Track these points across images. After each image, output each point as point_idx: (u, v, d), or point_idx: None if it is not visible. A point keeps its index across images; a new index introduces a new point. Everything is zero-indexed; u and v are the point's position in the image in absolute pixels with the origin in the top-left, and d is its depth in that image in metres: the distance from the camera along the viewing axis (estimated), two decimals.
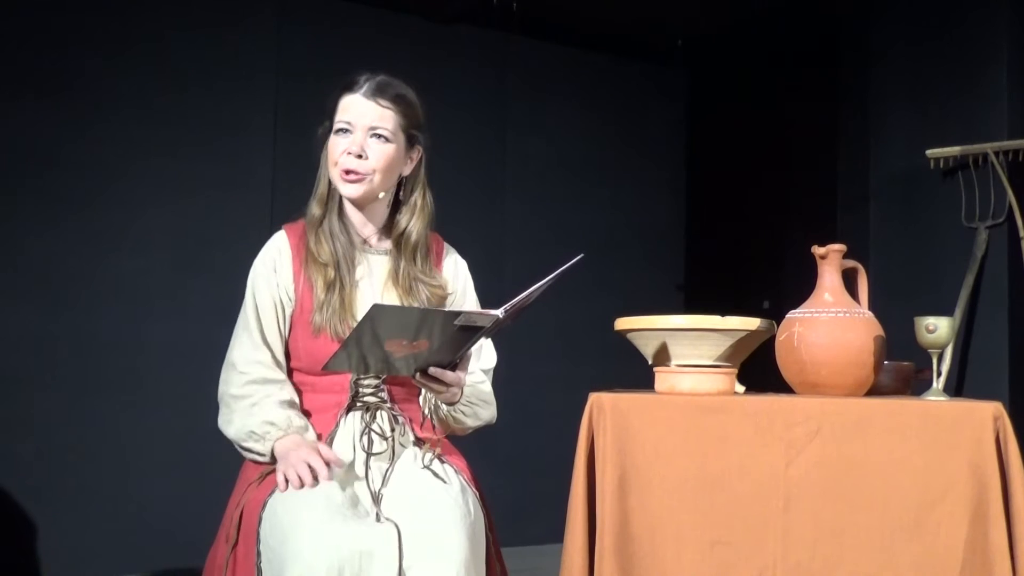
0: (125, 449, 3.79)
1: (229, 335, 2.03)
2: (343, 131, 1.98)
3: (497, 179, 4.72)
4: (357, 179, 1.97)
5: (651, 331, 1.91)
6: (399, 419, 1.99)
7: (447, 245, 2.16)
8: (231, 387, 1.97)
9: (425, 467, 1.91)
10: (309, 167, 2.09)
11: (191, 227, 3.96)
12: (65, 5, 3.78)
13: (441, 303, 2.05)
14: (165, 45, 3.95)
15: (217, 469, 2.47)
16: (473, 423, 2.05)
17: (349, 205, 2.05)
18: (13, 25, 3.70)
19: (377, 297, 2.00)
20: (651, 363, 1.97)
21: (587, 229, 4.80)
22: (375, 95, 1.98)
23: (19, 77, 3.70)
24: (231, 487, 1.97)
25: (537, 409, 4.52)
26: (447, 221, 2.23)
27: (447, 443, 2.05)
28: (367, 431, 1.95)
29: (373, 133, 1.98)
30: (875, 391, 1.94)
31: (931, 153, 3.73)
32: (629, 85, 5.10)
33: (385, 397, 1.99)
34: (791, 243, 4.53)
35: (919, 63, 3.92)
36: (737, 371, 1.96)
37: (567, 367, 4.68)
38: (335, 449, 1.93)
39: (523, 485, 4.44)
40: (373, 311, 1.63)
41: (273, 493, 1.80)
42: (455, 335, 1.74)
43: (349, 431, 1.96)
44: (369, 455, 1.92)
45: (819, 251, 1.92)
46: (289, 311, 1.99)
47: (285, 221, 2.10)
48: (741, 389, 2.01)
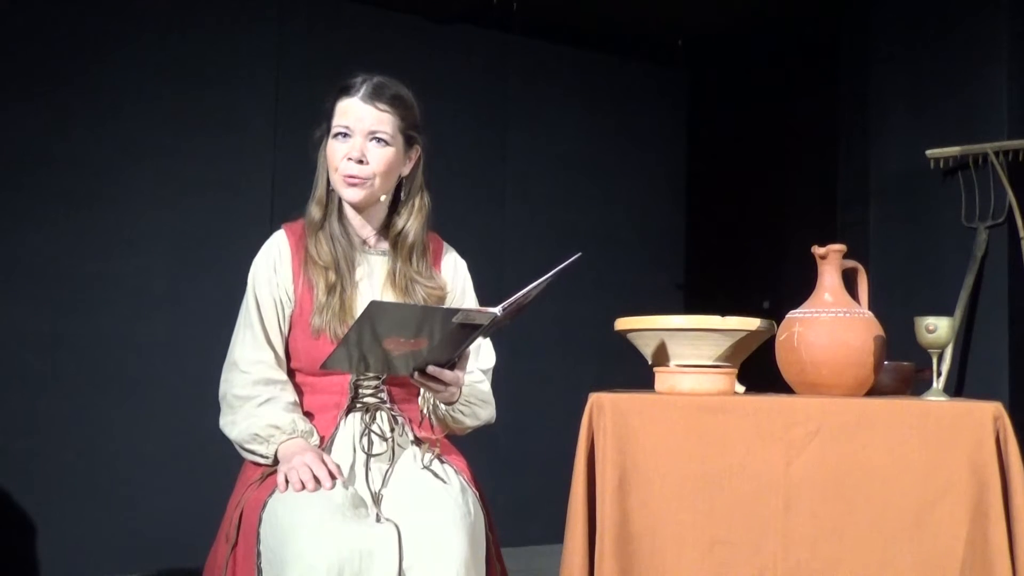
0: (125, 449, 3.79)
1: (229, 335, 2.02)
2: (342, 135, 1.97)
3: (497, 179, 4.72)
4: (359, 184, 1.97)
5: (651, 331, 1.91)
6: (399, 419, 1.99)
7: (446, 245, 2.15)
8: (234, 387, 1.96)
9: (425, 467, 1.91)
10: (309, 167, 2.08)
11: (191, 227, 3.96)
12: (65, 5, 3.78)
13: (439, 303, 2.04)
14: (165, 45, 3.95)
15: (217, 469, 2.47)
16: (472, 423, 2.05)
17: (349, 207, 2.04)
18: (13, 25, 3.70)
19: (376, 297, 2.00)
20: (651, 363, 1.97)
21: (587, 229, 4.80)
22: (372, 98, 1.97)
23: (19, 77, 3.70)
24: (231, 487, 1.97)
25: (537, 409, 4.52)
26: (447, 221, 2.23)
27: (447, 443, 2.05)
28: (367, 432, 1.94)
29: (372, 137, 1.97)
30: (875, 391, 1.94)
31: (931, 153, 3.73)
32: (629, 85, 5.10)
33: (385, 398, 1.99)
34: (791, 243, 4.53)
35: (919, 63, 3.92)
36: (737, 371, 1.96)
37: (567, 367, 4.68)
38: (335, 449, 1.93)
39: (523, 485, 4.44)
40: (371, 308, 1.63)
41: (273, 493, 1.80)
42: (453, 333, 1.74)
43: (349, 432, 1.95)
44: (369, 456, 1.92)
45: (819, 251, 1.92)
46: (289, 311, 1.99)
47: (285, 221, 2.10)
48: (741, 389, 2.01)
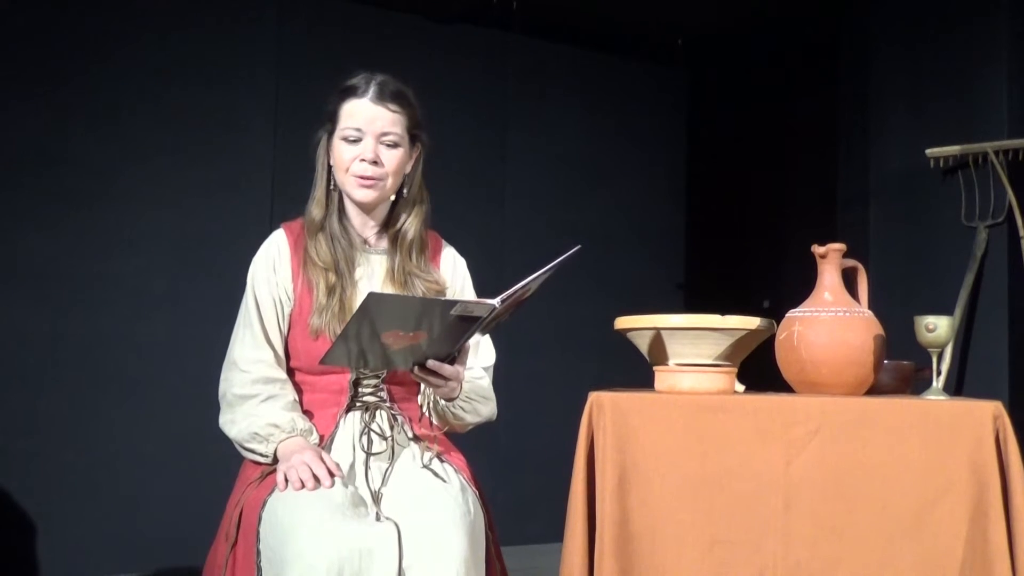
0: (125, 449, 3.79)
1: (229, 335, 2.02)
2: (352, 137, 1.97)
3: (497, 178, 4.72)
4: (372, 185, 1.97)
5: (651, 330, 1.91)
6: (398, 418, 1.99)
7: (445, 243, 2.16)
8: (233, 386, 1.96)
9: (425, 466, 1.91)
10: (309, 167, 2.08)
11: (191, 227, 3.96)
12: (65, 4, 3.78)
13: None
14: (165, 45, 3.95)
15: (217, 468, 2.47)
16: (473, 419, 2.04)
17: (351, 206, 2.04)
18: (12, 24, 3.70)
19: None
20: (651, 362, 1.97)
21: (587, 228, 4.80)
22: (383, 99, 1.97)
23: (19, 77, 3.70)
24: (231, 486, 1.97)
25: (537, 408, 4.52)
26: (447, 220, 2.23)
27: (447, 442, 2.05)
28: (366, 431, 1.95)
29: (384, 138, 1.97)
30: (875, 390, 1.94)
31: (931, 152, 3.73)
32: (629, 85, 5.10)
33: (384, 397, 1.99)
34: (791, 242, 4.53)
35: (919, 62, 3.92)
36: (737, 370, 1.96)
37: (567, 366, 4.68)
38: (335, 448, 1.93)
39: (523, 484, 4.44)
40: (370, 299, 1.62)
41: (273, 492, 1.80)
42: (453, 325, 1.74)
43: (349, 431, 1.95)
44: (369, 455, 1.92)
45: (819, 250, 1.92)
46: (288, 310, 1.99)
47: (285, 221, 2.10)
48: (741, 388, 2.01)
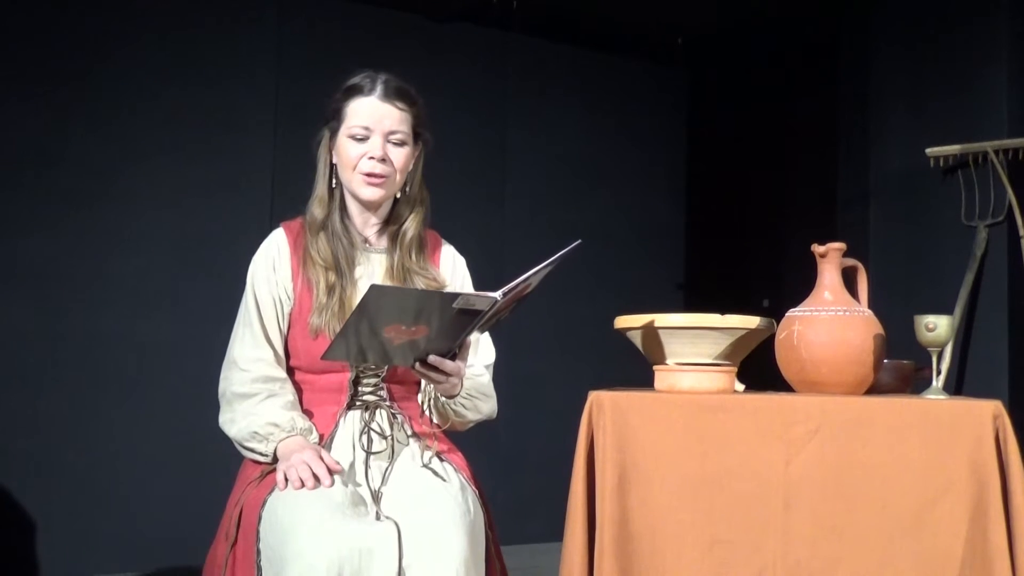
0: (125, 448, 3.79)
1: (229, 334, 2.02)
2: (359, 136, 1.96)
3: (497, 178, 4.72)
4: (379, 183, 1.97)
5: (651, 329, 1.91)
6: (398, 417, 1.99)
7: (444, 241, 2.16)
8: (233, 385, 1.96)
9: (424, 465, 1.91)
10: (309, 167, 2.08)
11: (191, 227, 3.96)
12: (65, 5, 3.78)
13: None
14: (165, 45, 3.95)
15: (216, 468, 2.47)
16: (474, 416, 2.04)
17: (353, 205, 2.04)
18: (12, 24, 3.70)
19: None
20: (651, 361, 1.97)
21: (587, 227, 4.79)
22: (390, 98, 1.97)
23: (19, 77, 3.70)
24: (230, 486, 1.97)
25: (537, 407, 4.52)
26: (447, 219, 2.23)
27: (447, 441, 2.05)
28: (366, 430, 1.95)
29: (392, 137, 1.98)
30: (875, 389, 1.94)
31: (931, 152, 3.73)
32: (629, 84, 5.10)
33: (384, 396, 1.99)
34: (791, 242, 4.53)
35: (919, 62, 3.92)
36: (737, 369, 1.96)
37: (567, 365, 4.68)
38: (335, 447, 1.93)
39: (523, 483, 4.44)
40: (371, 292, 1.62)
41: (273, 492, 1.80)
42: (454, 320, 1.73)
43: (348, 430, 1.95)
44: (369, 454, 1.92)
45: (819, 249, 1.92)
46: (288, 309, 1.99)
47: (284, 220, 2.10)
48: (741, 387, 2.01)
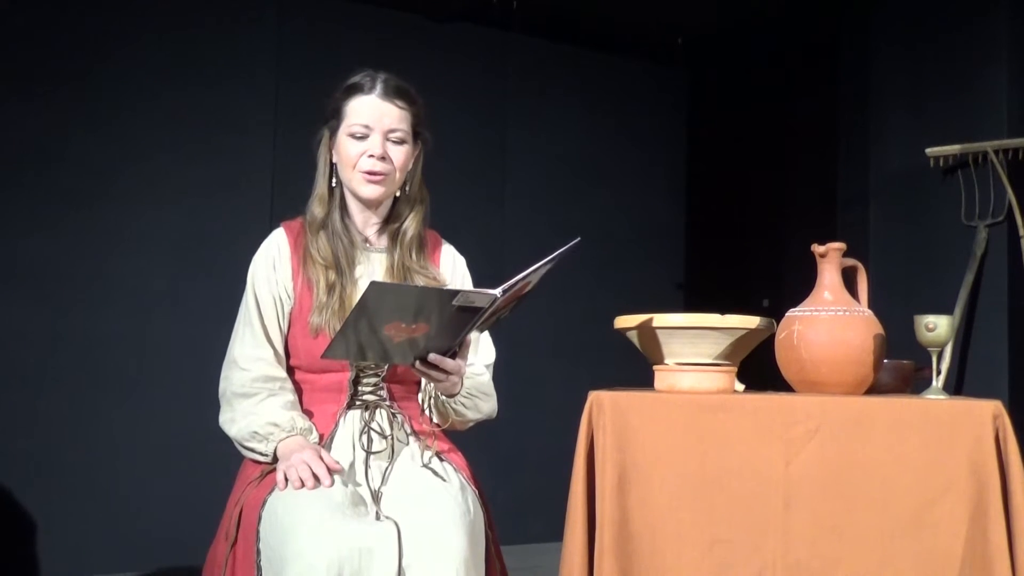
0: (125, 448, 3.79)
1: (229, 334, 2.02)
2: (359, 134, 1.97)
3: (497, 178, 4.72)
4: (379, 181, 1.97)
5: (651, 329, 1.91)
6: (398, 417, 1.99)
7: (444, 241, 2.16)
8: (233, 385, 1.96)
9: (424, 465, 1.91)
10: (309, 167, 2.08)
11: (191, 227, 3.96)
12: (65, 5, 3.79)
13: None
14: (165, 45, 3.95)
15: (216, 468, 2.47)
16: (474, 416, 2.04)
17: (354, 204, 2.04)
18: (12, 24, 3.70)
19: None
20: (651, 361, 1.97)
21: (587, 228, 4.76)
22: (390, 96, 1.98)
23: (19, 77, 3.70)
24: (230, 486, 1.97)
25: (537, 407, 4.52)
26: (447, 219, 2.23)
27: (447, 441, 2.05)
28: (366, 429, 1.95)
29: (392, 135, 1.98)
30: (875, 389, 1.94)
31: (931, 152, 3.73)
32: (629, 84, 5.10)
33: (384, 395, 1.99)
34: (791, 242, 4.53)
35: (919, 62, 3.92)
36: (737, 369, 1.96)
37: (567, 365, 4.68)
38: (335, 447, 1.93)
39: (523, 483, 4.44)
40: (371, 288, 1.62)
41: (273, 491, 1.80)
42: (454, 317, 1.73)
43: (348, 430, 1.95)
44: (368, 454, 1.92)
45: (819, 249, 1.92)
46: (288, 308, 1.99)
47: (284, 220, 2.10)
48: (741, 387, 2.01)
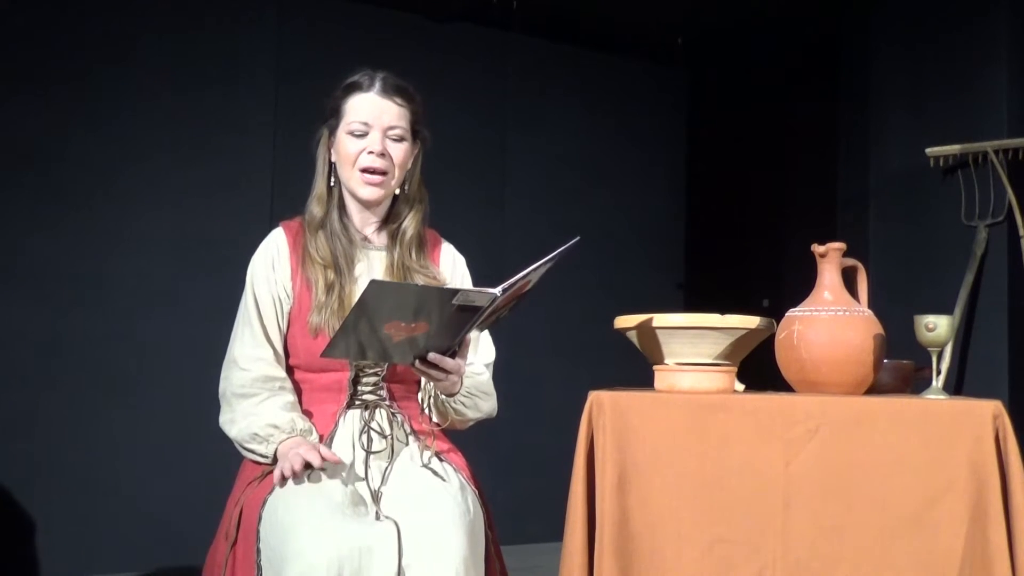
0: (125, 448, 3.79)
1: (229, 334, 2.02)
2: (358, 132, 1.97)
3: (497, 178, 4.72)
4: (378, 180, 1.98)
5: (650, 329, 1.91)
6: (397, 416, 1.99)
7: (444, 240, 2.16)
8: (233, 385, 1.96)
9: (424, 465, 1.91)
10: (309, 167, 2.08)
11: (191, 227, 3.96)
12: (65, 5, 3.78)
13: None
14: (165, 45, 3.95)
15: (216, 468, 2.47)
16: (474, 415, 2.04)
17: (352, 203, 2.04)
18: (12, 24, 3.70)
19: None
20: (651, 361, 1.97)
21: (587, 228, 4.74)
22: (389, 94, 1.98)
23: (19, 76, 3.70)
24: (230, 485, 1.97)
25: (537, 407, 4.52)
26: (447, 219, 2.23)
27: (447, 441, 2.05)
28: (366, 429, 1.95)
29: (391, 132, 1.98)
30: (875, 389, 1.94)
31: (931, 152, 3.73)
32: (629, 84, 5.10)
33: (384, 395, 1.99)
34: (791, 242, 4.53)
35: (919, 62, 3.92)
36: (737, 369, 1.96)
37: (567, 365, 4.68)
38: (335, 447, 1.93)
39: (522, 483, 4.44)
40: (371, 287, 1.62)
41: (273, 491, 1.80)
42: (453, 316, 1.73)
43: (348, 429, 1.95)
44: (368, 453, 1.92)
45: (819, 250, 1.92)
46: (287, 308, 1.99)
47: (284, 220, 2.10)
48: (741, 387, 2.01)
